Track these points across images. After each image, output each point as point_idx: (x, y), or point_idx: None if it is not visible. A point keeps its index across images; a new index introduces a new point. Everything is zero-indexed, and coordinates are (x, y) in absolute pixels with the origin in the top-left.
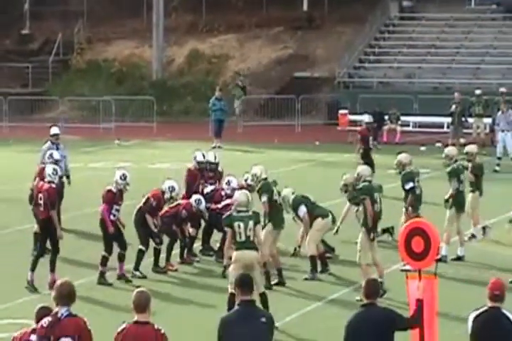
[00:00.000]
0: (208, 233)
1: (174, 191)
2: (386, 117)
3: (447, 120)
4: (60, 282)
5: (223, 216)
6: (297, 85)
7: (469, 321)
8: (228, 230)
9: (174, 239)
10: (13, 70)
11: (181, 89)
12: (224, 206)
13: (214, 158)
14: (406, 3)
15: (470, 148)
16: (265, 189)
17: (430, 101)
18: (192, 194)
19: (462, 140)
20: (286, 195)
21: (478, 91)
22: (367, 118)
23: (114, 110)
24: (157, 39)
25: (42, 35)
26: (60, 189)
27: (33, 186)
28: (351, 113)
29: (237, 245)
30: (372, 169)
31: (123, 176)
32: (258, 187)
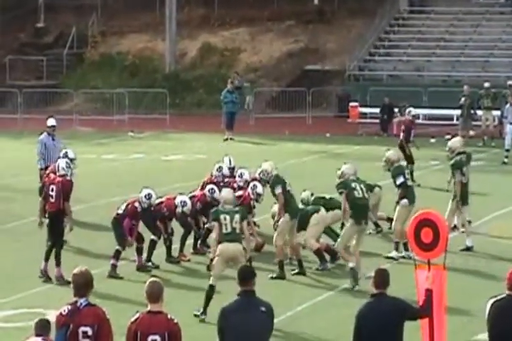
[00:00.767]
0: None
1: (186, 206)
2: (396, 110)
3: (456, 112)
4: (75, 272)
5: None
6: (308, 78)
7: (487, 306)
8: (215, 224)
9: (188, 231)
10: (27, 63)
11: (194, 81)
12: (235, 197)
13: (229, 163)
14: None
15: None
16: (277, 181)
17: (439, 93)
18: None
19: (472, 132)
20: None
21: (486, 84)
22: (412, 110)
23: (128, 102)
24: (170, 32)
25: (56, 28)
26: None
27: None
28: (361, 105)
29: (222, 237)
30: (410, 160)
31: (148, 195)
32: (270, 181)
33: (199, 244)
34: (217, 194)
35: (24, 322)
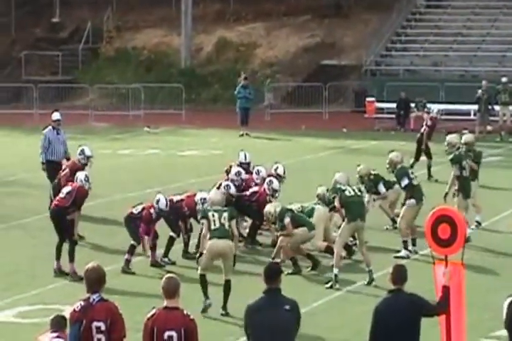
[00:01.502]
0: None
1: (206, 203)
2: (412, 105)
3: (474, 107)
4: (87, 267)
5: (250, 203)
6: (324, 73)
7: (504, 306)
8: (204, 222)
9: None
10: (43, 58)
11: (209, 77)
12: (252, 193)
13: (245, 158)
14: None
15: (468, 138)
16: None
17: (456, 88)
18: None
19: (489, 127)
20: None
21: (504, 79)
22: (437, 108)
23: (143, 98)
24: (185, 27)
25: (72, 23)
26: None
27: (61, 176)
28: (378, 100)
29: (211, 234)
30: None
31: (156, 201)
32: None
33: None
34: (233, 190)
35: (40, 318)
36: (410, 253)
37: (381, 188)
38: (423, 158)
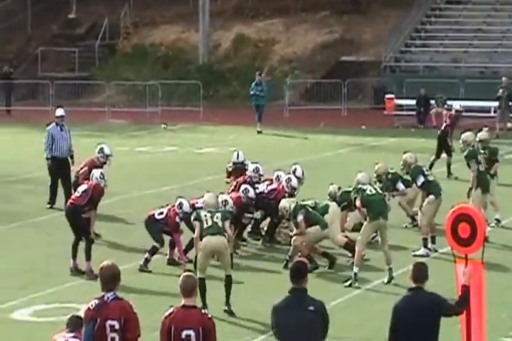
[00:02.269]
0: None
1: (228, 205)
2: (432, 101)
3: (494, 104)
4: (102, 265)
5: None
6: (343, 69)
7: None
8: (196, 223)
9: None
10: (59, 55)
11: (227, 73)
12: (270, 191)
13: (237, 157)
14: None
15: (483, 135)
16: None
17: (476, 85)
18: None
19: (509, 124)
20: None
21: None
22: (458, 105)
23: (161, 94)
24: (203, 23)
25: (88, 19)
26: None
27: (79, 174)
28: (397, 97)
29: (204, 232)
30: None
31: (179, 205)
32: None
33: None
34: (251, 193)
35: (57, 316)
36: (430, 251)
37: (400, 185)
38: (444, 156)
